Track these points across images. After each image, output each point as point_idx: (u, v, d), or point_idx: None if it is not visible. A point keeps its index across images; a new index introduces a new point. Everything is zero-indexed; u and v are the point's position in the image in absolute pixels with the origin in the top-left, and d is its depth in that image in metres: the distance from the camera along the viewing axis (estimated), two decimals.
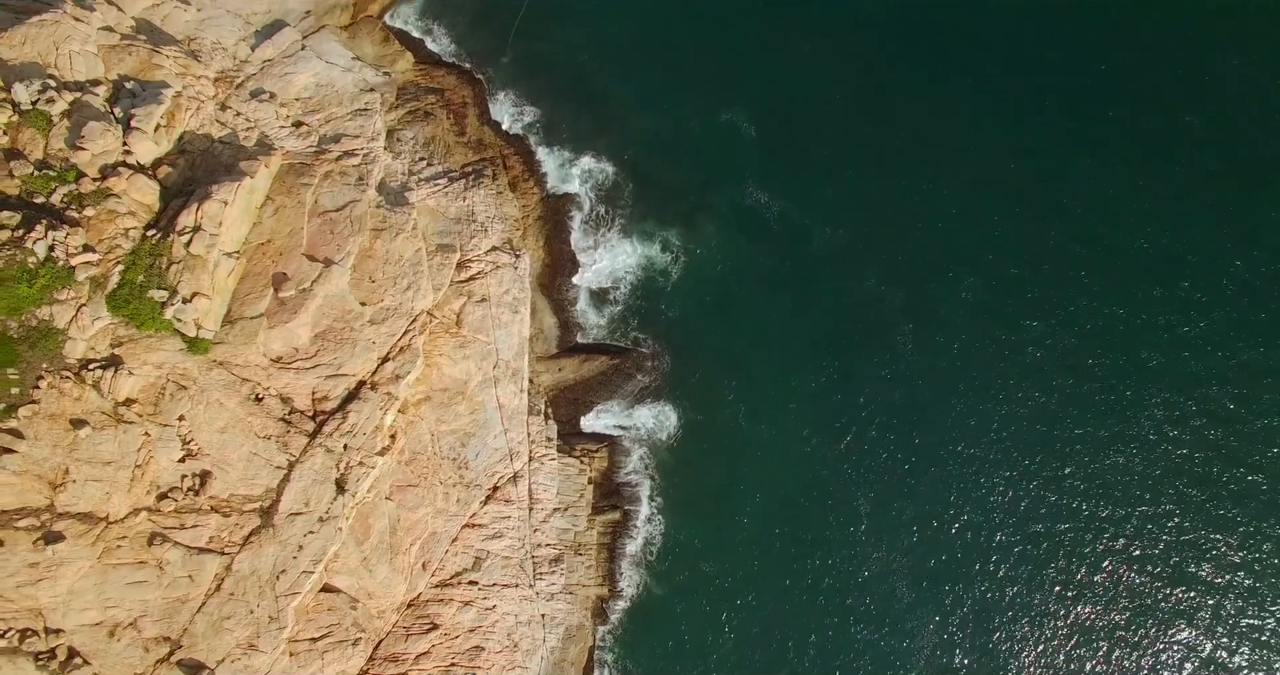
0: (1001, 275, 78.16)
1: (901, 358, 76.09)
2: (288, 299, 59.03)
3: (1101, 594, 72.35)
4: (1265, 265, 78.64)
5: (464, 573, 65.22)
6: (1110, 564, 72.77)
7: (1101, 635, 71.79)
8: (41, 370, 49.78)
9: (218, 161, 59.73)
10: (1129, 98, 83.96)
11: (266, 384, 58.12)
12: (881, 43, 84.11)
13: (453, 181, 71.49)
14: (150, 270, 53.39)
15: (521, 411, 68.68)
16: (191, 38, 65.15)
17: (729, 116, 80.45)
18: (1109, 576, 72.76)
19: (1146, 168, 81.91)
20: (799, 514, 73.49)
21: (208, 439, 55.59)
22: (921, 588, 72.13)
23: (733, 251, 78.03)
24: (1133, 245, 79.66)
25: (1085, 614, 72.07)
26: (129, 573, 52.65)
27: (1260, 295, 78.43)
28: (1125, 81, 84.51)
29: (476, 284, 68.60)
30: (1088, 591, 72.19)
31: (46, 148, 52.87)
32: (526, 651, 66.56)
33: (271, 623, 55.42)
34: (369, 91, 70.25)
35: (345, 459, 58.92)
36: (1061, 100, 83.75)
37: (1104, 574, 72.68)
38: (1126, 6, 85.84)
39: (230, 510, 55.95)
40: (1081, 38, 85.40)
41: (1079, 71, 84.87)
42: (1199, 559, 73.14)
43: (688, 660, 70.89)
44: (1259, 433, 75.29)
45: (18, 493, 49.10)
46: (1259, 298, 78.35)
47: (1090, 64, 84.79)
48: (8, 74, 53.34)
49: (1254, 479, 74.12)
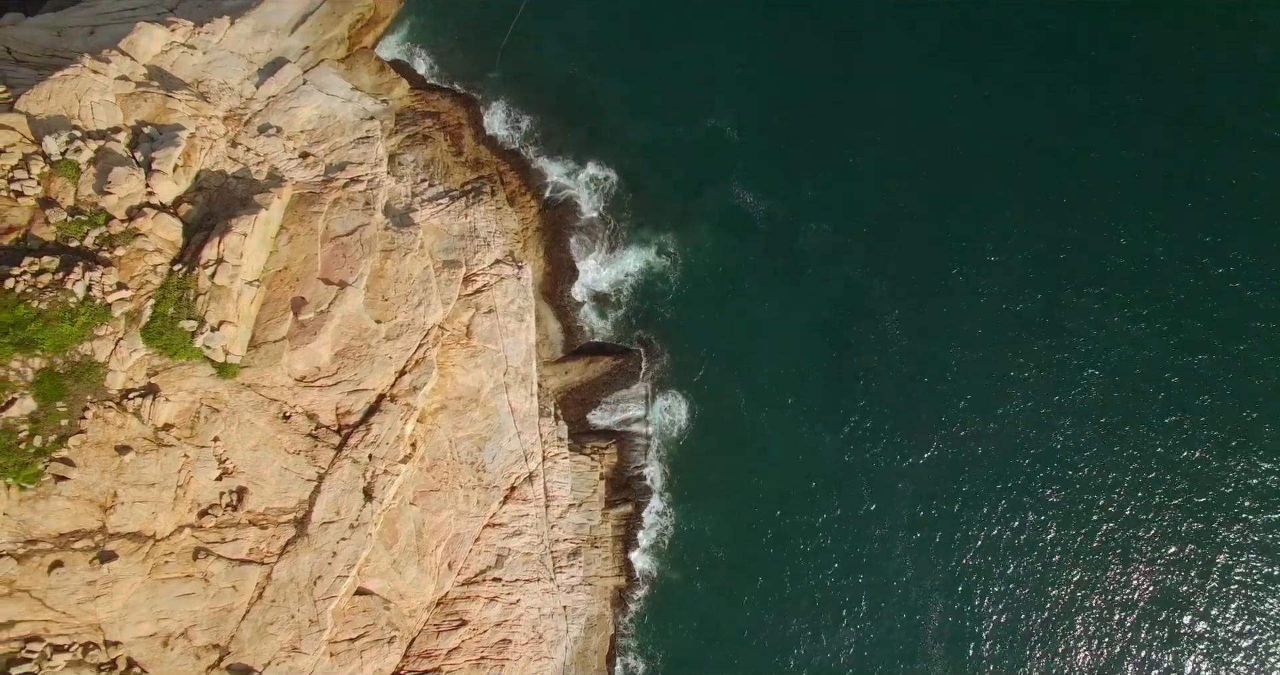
0: (980, 258, 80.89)
1: (892, 342, 78.46)
2: (307, 321, 60.87)
3: (1100, 561, 74.86)
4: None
5: (488, 570, 66.98)
6: (1106, 533, 75.42)
7: (1103, 605, 74.36)
8: (86, 402, 51.69)
9: (233, 196, 61.62)
10: (1105, 80, 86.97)
11: (293, 402, 60.00)
12: (849, 46, 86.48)
13: (454, 200, 73.43)
14: (179, 302, 55.39)
15: (533, 414, 70.38)
16: (199, 80, 66.89)
17: (713, 122, 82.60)
18: (1106, 544, 75.31)
19: (1119, 143, 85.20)
20: (804, 497, 75.67)
21: (242, 457, 57.47)
22: (925, 561, 74.56)
23: (725, 251, 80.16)
24: (1111, 222, 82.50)
25: (1081, 579, 74.75)
26: (177, 586, 54.42)
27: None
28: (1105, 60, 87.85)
29: (483, 296, 70.52)
30: (1084, 557, 74.88)
31: (77, 194, 54.78)
32: (551, 642, 68.31)
33: (312, 626, 57.22)
34: (369, 120, 71.80)
35: (371, 468, 60.78)
36: (1030, 87, 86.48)
37: (1100, 542, 75.28)
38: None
39: (267, 523, 57.83)
40: (1055, 20, 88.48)
41: (1055, 53, 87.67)
42: (1193, 521, 76.02)
43: (706, 641, 73.02)
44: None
45: (73, 516, 51.00)
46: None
47: (1067, 46, 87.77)
48: (37, 128, 55.31)
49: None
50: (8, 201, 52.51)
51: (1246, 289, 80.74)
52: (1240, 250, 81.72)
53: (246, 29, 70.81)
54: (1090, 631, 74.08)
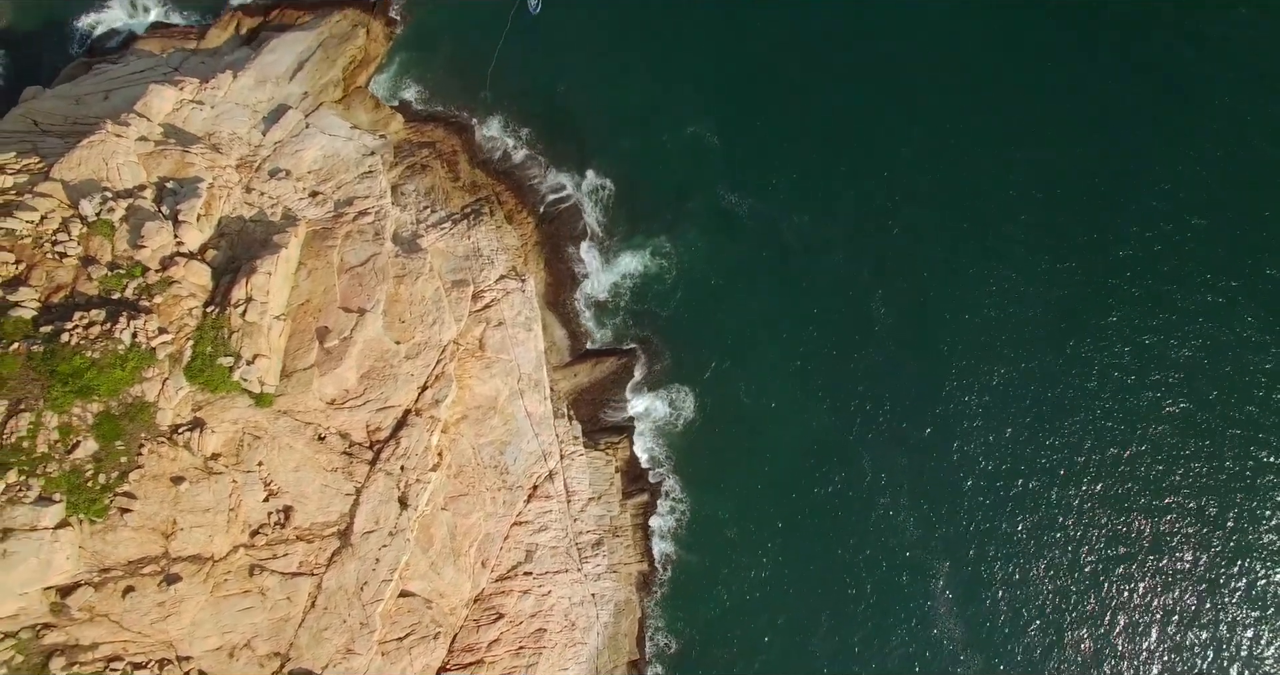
0: (955, 235, 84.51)
1: (878, 321, 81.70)
2: (332, 348, 63.42)
3: (1096, 525, 78.35)
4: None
5: (519, 565, 69.87)
6: (1101, 488, 79.04)
7: (1101, 557, 77.78)
8: (141, 439, 54.79)
9: (253, 238, 64.24)
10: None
11: (326, 424, 62.67)
12: (814, 50, 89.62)
13: (456, 223, 76.11)
14: (216, 341, 58.37)
15: (548, 417, 73.25)
16: (211, 133, 69.42)
17: (694, 129, 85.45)
18: (1102, 497, 78.83)
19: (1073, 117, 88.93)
20: (809, 475, 78.77)
21: (285, 478, 60.12)
22: (929, 526, 77.72)
23: (716, 249, 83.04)
24: (1085, 192, 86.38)
25: (1078, 532, 78.22)
26: (238, 601, 57.15)
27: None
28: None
29: (492, 310, 73.23)
30: (1080, 511, 78.36)
31: (114, 250, 57.92)
32: (583, 629, 71.22)
33: (363, 628, 59.94)
34: (370, 155, 74.22)
35: (403, 479, 63.37)
36: (994, 81, 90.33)
37: (1096, 495, 78.84)
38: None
39: (313, 537, 60.48)
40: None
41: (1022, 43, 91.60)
42: (1173, 477, 79.77)
43: (728, 616, 75.93)
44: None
45: (139, 544, 53.96)
46: None
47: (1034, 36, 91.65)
48: (72, 193, 58.48)
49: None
50: (53, 263, 56.17)
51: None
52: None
53: (249, 81, 73.58)
54: (1091, 582, 77.56)
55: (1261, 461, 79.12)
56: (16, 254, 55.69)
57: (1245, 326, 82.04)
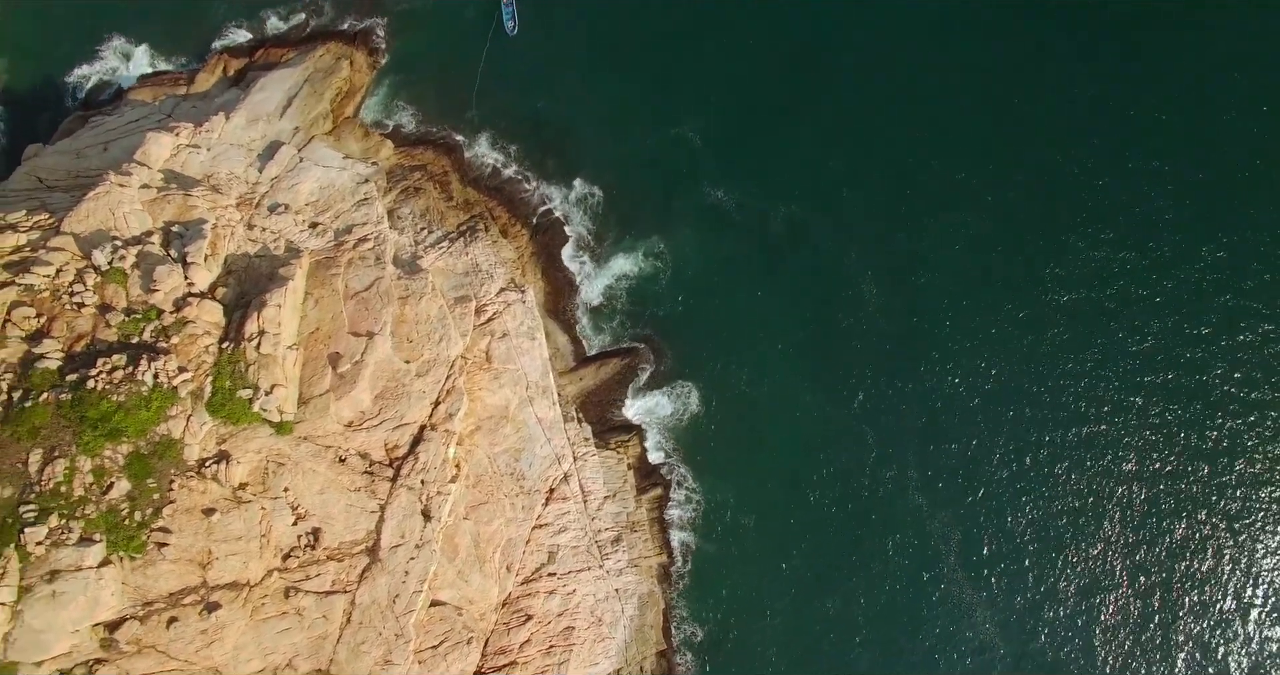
0: (933, 213, 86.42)
1: (870, 301, 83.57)
2: (345, 372, 65.08)
3: (1094, 475, 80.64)
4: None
5: (542, 567, 71.90)
6: (1096, 448, 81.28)
7: (1106, 516, 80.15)
8: (171, 475, 56.75)
9: (259, 273, 65.98)
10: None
11: (346, 446, 64.42)
12: (784, 47, 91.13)
13: (453, 242, 77.74)
14: (234, 375, 60.28)
15: (558, 421, 75.00)
16: (209, 174, 71.05)
17: (677, 130, 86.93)
18: (1098, 457, 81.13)
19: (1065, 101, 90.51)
20: (816, 456, 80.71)
21: (311, 501, 61.95)
22: (936, 495, 79.92)
23: (706, 245, 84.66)
24: (1070, 168, 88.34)
25: (1082, 491, 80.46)
26: (276, 623, 58.95)
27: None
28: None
29: (495, 323, 74.88)
30: (1080, 471, 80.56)
31: (128, 296, 59.81)
32: (610, 623, 73.27)
33: (398, 639, 61.76)
34: (364, 183, 75.77)
35: (424, 492, 65.20)
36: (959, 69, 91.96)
37: (1091, 457, 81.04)
38: None
39: (343, 556, 62.30)
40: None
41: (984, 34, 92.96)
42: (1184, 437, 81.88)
43: (751, 600, 77.95)
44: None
45: (178, 576, 55.91)
46: None
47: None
48: (83, 244, 60.36)
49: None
50: (72, 313, 58.29)
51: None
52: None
53: (241, 120, 75.20)
54: (1094, 545, 79.76)
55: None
56: (37, 308, 57.72)
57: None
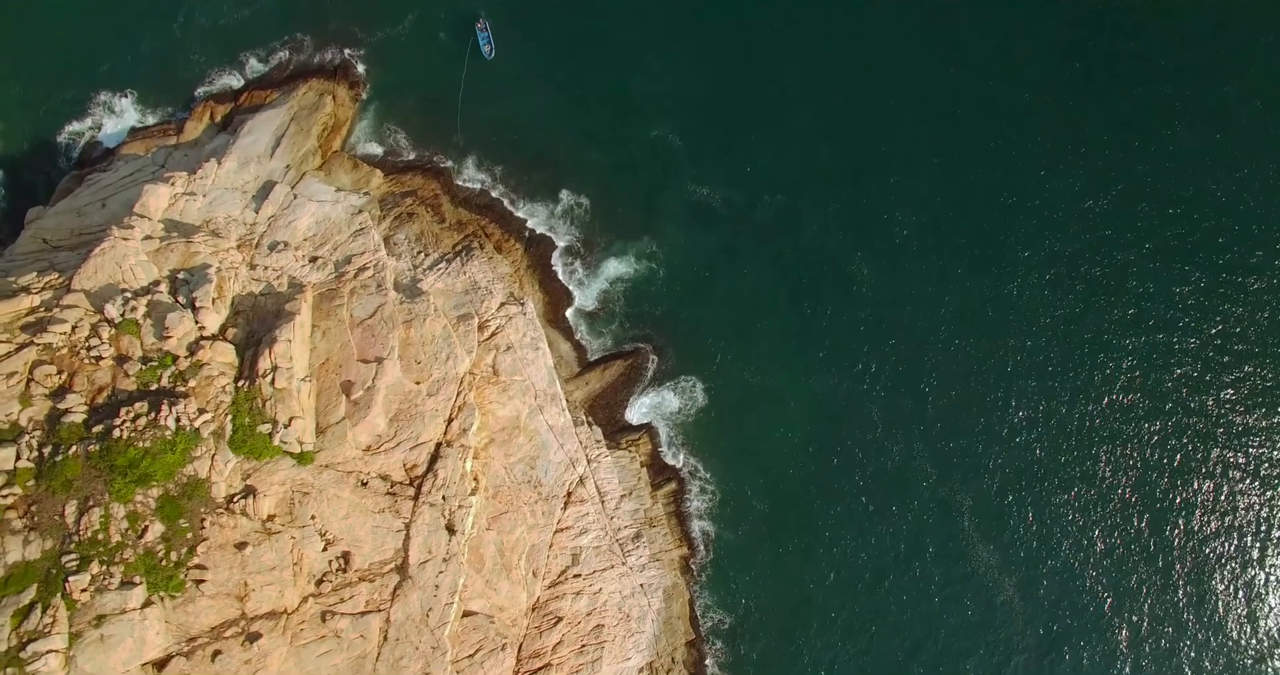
0: (917, 191, 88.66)
1: (861, 281, 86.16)
2: (359, 399, 66.84)
3: (1104, 438, 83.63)
4: None
5: (567, 569, 73.97)
6: (1097, 417, 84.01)
7: (1117, 474, 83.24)
8: (202, 513, 58.73)
9: (266, 311, 67.63)
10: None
11: (366, 470, 66.27)
12: (749, 44, 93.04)
13: (450, 262, 79.41)
14: (252, 412, 62.13)
15: (569, 427, 76.99)
16: (208, 220, 72.69)
17: (656, 132, 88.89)
18: (1092, 414, 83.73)
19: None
20: (823, 436, 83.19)
21: (338, 527, 63.78)
22: (944, 463, 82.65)
23: (696, 240, 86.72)
24: (1024, 153, 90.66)
25: (1088, 451, 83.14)
26: (316, 647, 60.91)
27: None
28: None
29: (499, 337, 76.67)
30: (1078, 427, 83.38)
31: (143, 345, 61.58)
32: (638, 618, 75.47)
33: (435, 651, 63.65)
34: (358, 213, 77.37)
35: (446, 507, 67.12)
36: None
37: (1085, 414, 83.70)
38: None
39: (374, 576, 64.13)
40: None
41: None
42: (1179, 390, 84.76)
43: (773, 582, 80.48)
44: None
45: (218, 611, 57.88)
46: None
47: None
48: (95, 300, 62.19)
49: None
50: (91, 366, 60.29)
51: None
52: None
53: (233, 165, 76.76)
54: (1110, 490, 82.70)
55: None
56: (58, 365, 59.70)
57: None
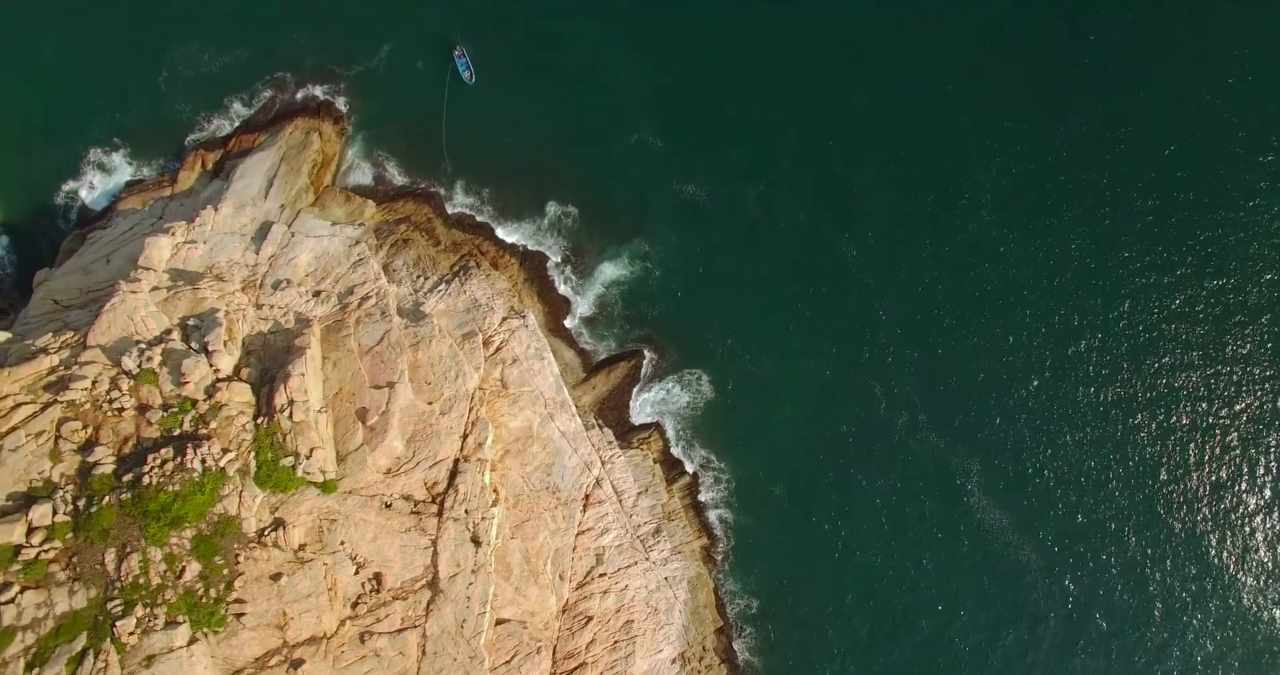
0: (901, 172, 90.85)
1: (852, 263, 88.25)
2: (375, 424, 68.59)
3: (1105, 403, 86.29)
4: None
5: (592, 570, 76.18)
6: (1093, 384, 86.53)
7: (1122, 435, 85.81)
8: (235, 549, 60.72)
9: (276, 348, 69.46)
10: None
11: (389, 492, 68.26)
12: (723, 44, 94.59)
13: (449, 283, 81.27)
14: (273, 447, 64.01)
15: (580, 431, 79.01)
16: (211, 266, 74.39)
17: (638, 136, 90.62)
18: (1075, 386, 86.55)
19: None
20: (830, 417, 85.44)
21: (367, 549, 65.64)
22: (949, 433, 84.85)
23: (687, 238, 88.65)
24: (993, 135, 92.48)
25: (1088, 415, 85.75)
26: (357, 667, 62.85)
27: None
28: None
29: (504, 351, 78.47)
30: (1080, 400, 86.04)
31: (162, 393, 63.46)
32: (666, 611, 77.58)
33: (473, 661, 65.85)
34: (355, 244, 78.93)
35: (470, 520, 69.01)
36: None
37: (1094, 385, 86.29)
38: None
39: (406, 593, 66.09)
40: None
41: None
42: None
43: (794, 564, 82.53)
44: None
45: (259, 641, 59.82)
46: None
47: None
48: (111, 353, 64.12)
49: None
50: (115, 418, 62.45)
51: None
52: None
53: (229, 209, 78.49)
54: (1118, 453, 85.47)
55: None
56: (82, 420, 61.84)
57: None
